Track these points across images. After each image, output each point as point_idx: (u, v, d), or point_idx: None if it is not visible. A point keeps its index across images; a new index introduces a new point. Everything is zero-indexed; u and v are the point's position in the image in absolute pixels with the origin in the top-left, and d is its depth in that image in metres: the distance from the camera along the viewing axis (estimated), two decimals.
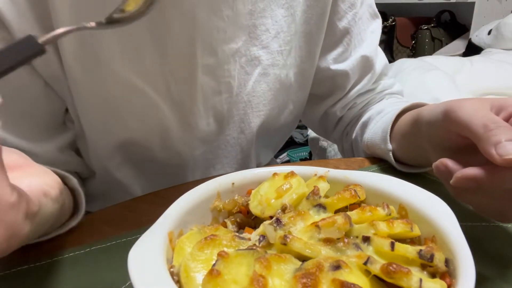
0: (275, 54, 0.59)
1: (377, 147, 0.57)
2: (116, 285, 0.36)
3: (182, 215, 0.33)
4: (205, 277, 0.25)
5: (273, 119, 0.65)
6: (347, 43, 0.65)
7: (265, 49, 0.59)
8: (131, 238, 0.43)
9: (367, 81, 0.68)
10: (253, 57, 0.58)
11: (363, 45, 0.66)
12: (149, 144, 0.57)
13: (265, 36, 0.58)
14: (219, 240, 0.29)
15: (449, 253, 0.27)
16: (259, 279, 0.24)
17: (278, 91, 0.62)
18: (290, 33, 0.60)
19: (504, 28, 2.04)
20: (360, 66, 0.66)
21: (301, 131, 2.28)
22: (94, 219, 0.47)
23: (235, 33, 0.55)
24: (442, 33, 2.74)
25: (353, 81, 0.67)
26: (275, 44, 0.59)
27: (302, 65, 0.64)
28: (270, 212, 0.34)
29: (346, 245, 0.28)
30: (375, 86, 0.70)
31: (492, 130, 0.32)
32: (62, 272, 0.38)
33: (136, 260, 0.26)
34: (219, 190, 0.37)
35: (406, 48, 2.92)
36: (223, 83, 0.57)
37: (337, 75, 0.66)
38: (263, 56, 0.59)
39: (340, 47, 0.65)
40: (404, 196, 0.34)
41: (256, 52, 0.58)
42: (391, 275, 0.24)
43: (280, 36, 0.59)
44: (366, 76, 0.67)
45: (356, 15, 0.64)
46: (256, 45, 0.58)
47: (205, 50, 0.53)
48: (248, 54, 0.58)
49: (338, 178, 0.38)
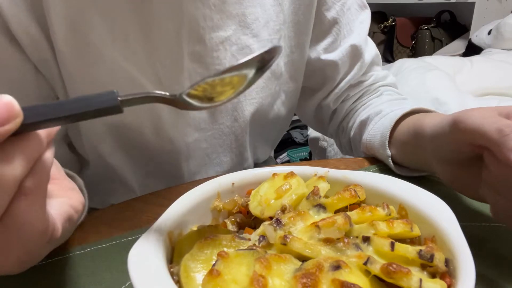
0: (265, 43, 0.60)
1: (376, 150, 0.58)
2: (116, 285, 0.36)
3: (182, 215, 0.33)
4: (205, 277, 0.25)
5: (266, 107, 0.65)
6: (336, 33, 0.66)
7: (256, 37, 0.59)
8: (131, 238, 0.43)
9: (357, 70, 0.68)
10: (244, 45, 0.59)
11: (352, 35, 0.66)
12: (140, 128, 0.58)
13: (255, 24, 0.59)
14: (219, 240, 0.29)
15: (449, 253, 0.27)
16: (259, 279, 0.24)
17: (269, 79, 0.63)
18: (279, 22, 0.61)
19: (504, 28, 2.04)
20: (349, 56, 0.66)
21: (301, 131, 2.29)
22: (94, 219, 0.47)
23: (224, 21, 0.56)
24: (442, 33, 2.73)
25: (343, 72, 0.68)
26: (264, 33, 0.60)
27: (291, 55, 0.65)
28: (269, 212, 0.34)
29: (346, 245, 0.28)
30: (366, 78, 0.70)
31: (508, 134, 0.31)
32: (62, 272, 0.38)
33: (136, 260, 0.26)
34: (219, 190, 0.37)
35: (406, 48, 2.91)
36: (213, 70, 0.57)
37: (327, 66, 0.67)
38: (254, 44, 0.60)
39: (330, 37, 0.66)
40: (404, 196, 0.34)
41: (247, 41, 0.59)
42: (391, 275, 0.24)
43: (269, 25, 0.60)
44: (355, 65, 0.68)
45: (344, 5, 0.65)
46: (246, 34, 0.59)
47: (191, 37, 0.54)
48: (239, 42, 0.58)
49: (338, 178, 0.38)
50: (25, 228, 0.25)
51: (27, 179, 0.25)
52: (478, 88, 1.59)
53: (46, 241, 0.28)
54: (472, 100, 1.39)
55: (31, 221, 0.26)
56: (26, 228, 0.25)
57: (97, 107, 0.25)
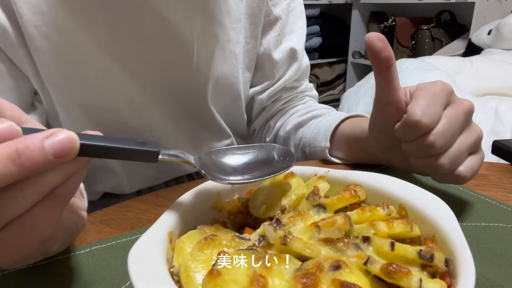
0: (229, 31, 0.63)
1: (318, 143, 0.64)
2: (116, 285, 0.36)
3: (182, 215, 0.33)
4: (205, 277, 0.25)
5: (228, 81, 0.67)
6: (280, 29, 0.69)
7: (220, 25, 0.61)
8: (131, 238, 0.43)
9: (293, 73, 0.72)
10: (211, 31, 0.61)
11: (292, 36, 0.71)
12: (117, 108, 0.59)
13: (218, 12, 0.61)
14: (219, 240, 0.29)
15: (449, 253, 0.27)
16: (259, 279, 0.24)
17: (235, 67, 0.66)
18: (239, 12, 0.63)
19: (504, 28, 2.04)
20: (288, 58, 0.71)
21: None
22: (94, 219, 0.47)
23: (187, 7, 0.57)
24: (442, 33, 2.73)
25: (281, 72, 0.72)
26: (227, 21, 0.62)
27: (246, 45, 0.67)
28: (269, 213, 0.34)
29: (346, 245, 0.28)
30: (299, 84, 0.76)
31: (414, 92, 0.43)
32: (62, 272, 0.38)
33: (136, 260, 0.26)
34: (219, 190, 0.37)
35: (406, 48, 2.92)
36: (180, 56, 0.59)
37: (267, 63, 0.70)
38: (219, 31, 0.61)
39: (273, 32, 0.69)
40: (404, 196, 0.34)
41: (213, 27, 0.61)
42: (391, 275, 0.24)
43: (230, 14, 0.62)
44: (292, 68, 0.72)
45: (290, 5, 0.70)
46: (211, 20, 0.60)
47: (154, 22, 0.55)
48: (205, 27, 0.60)
49: (338, 178, 0.38)
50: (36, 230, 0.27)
51: (59, 187, 0.26)
52: (478, 88, 1.59)
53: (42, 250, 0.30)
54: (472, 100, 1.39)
55: (44, 225, 0.27)
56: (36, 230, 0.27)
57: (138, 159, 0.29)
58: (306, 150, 0.67)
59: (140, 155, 0.29)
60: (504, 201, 0.48)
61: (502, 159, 0.61)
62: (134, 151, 0.28)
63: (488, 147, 0.58)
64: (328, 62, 3.45)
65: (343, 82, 3.58)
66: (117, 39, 0.54)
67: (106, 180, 0.66)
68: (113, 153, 0.28)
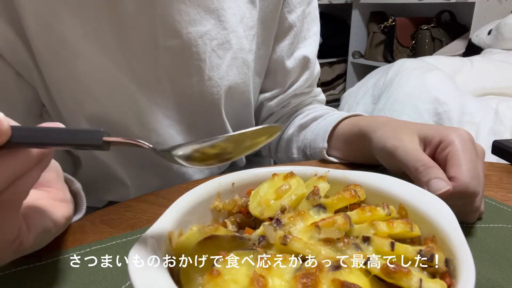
0: (242, 39, 0.61)
1: (317, 144, 0.64)
2: (116, 285, 0.36)
3: (182, 215, 0.33)
4: (205, 277, 0.25)
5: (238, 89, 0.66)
6: (293, 36, 0.68)
7: (234, 33, 0.60)
8: (131, 238, 0.43)
9: (303, 82, 0.71)
10: (224, 40, 0.59)
11: (305, 43, 0.70)
12: (124, 121, 0.58)
13: (232, 20, 0.59)
14: (219, 240, 0.29)
15: (449, 253, 0.27)
16: (259, 279, 0.24)
17: (246, 75, 0.65)
18: (252, 18, 0.62)
19: (504, 28, 2.04)
20: (300, 66, 0.70)
21: None
22: (94, 219, 0.47)
23: (201, 16, 0.56)
24: (442, 33, 2.73)
25: (292, 79, 0.71)
26: (240, 29, 0.61)
27: (258, 51, 0.66)
28: (269, 213, 0.34)
29: (346, 245, 0.28)
30: (309, 90, 0.75)
31: (421, 172, 0.42)
32: (62, 272, 0.38)
33: (136, 260, 0.26)
34: (219, 190, 0.37)
35: (406, 48, 2.91)
36: (193, 66, 0.58)
37: (279, 70, 0.70)
38: (233, 40, 0.60)
39: (287, 40, 0.68)
40: (404, 196, 0.34)
41: (227, 36, 0.59)
42: (391, 275, 0.24)
43: (244, 21, 0.61)
44: (303, 76, 0.71)
45: (304, 11, 0.68)
46: (226, 29, 0.59)
47: (166, 31, 0.54)
48: (219, 37, 0.59)
49: (338, 178, 0.38)
50: None
51: (4, 193, 0.25)
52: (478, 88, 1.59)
53: (13, 250, 0.30)
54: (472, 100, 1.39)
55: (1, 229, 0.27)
56: None
57: (81, 142, 0.27)
58: (307, 152, 0.67)
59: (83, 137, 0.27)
60: (504, 201, 0.48)
61: (502, 159, 0.61)
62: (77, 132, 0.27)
63: (488, 147, 0.58)
64: (328, 62, 3.45)
65: (343, 82, 3.58)
66: (126, 48, 0.53)
67: (115, 190, 0.66)
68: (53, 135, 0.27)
